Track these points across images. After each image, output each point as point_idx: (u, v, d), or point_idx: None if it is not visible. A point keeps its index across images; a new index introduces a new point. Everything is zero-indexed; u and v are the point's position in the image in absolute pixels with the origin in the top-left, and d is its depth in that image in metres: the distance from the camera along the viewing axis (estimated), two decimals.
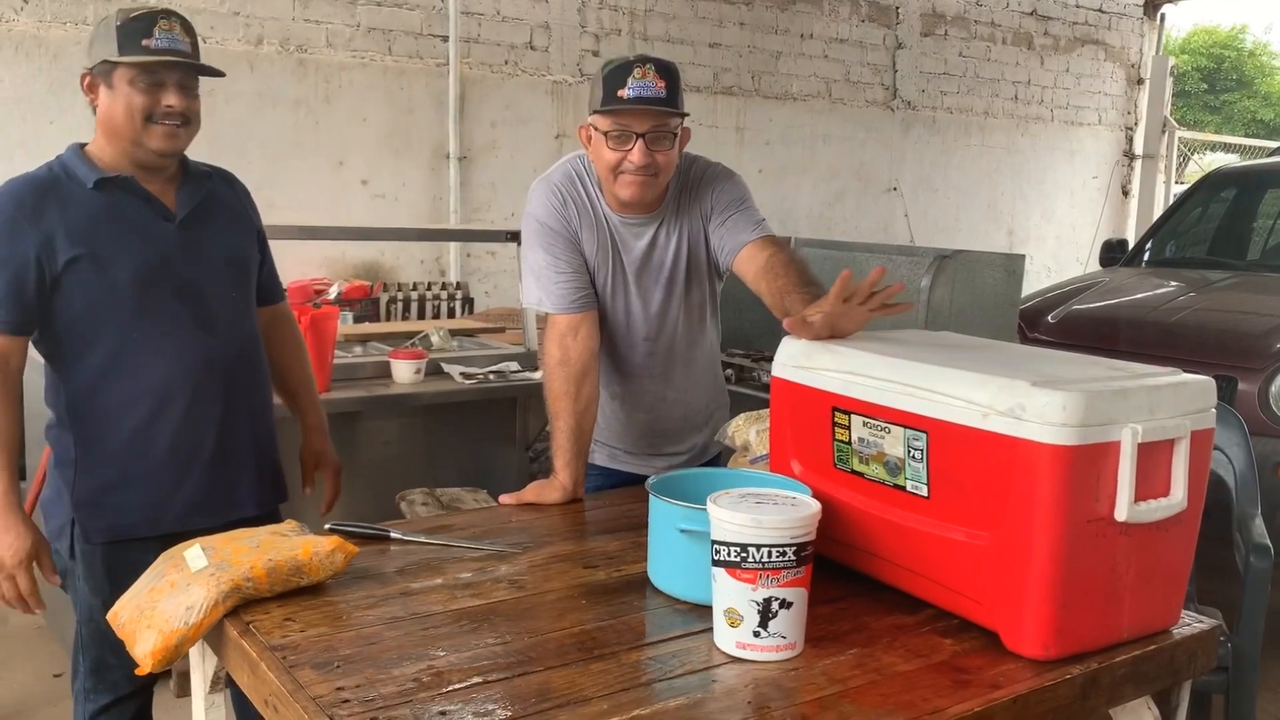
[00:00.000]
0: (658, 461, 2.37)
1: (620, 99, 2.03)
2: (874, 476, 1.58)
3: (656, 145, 2.07)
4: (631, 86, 2.02)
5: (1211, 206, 5.91)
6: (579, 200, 2.21)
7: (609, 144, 2.08)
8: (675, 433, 2.40)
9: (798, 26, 7.64)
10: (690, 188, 2.24)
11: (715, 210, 2.22)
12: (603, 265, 2.23)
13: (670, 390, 2.35)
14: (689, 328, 2.32)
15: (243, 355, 2.19)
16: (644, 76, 2.03)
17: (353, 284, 5.43)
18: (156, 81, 2.00)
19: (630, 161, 2.06)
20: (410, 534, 1.84)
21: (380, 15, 5.91)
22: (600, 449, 2.37)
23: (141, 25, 1.98)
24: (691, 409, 2.40)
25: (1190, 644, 1.55)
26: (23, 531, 1.97)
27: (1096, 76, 9.67)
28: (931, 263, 3.73)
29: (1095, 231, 9.59)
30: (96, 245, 1.99)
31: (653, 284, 2.25)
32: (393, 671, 1.33)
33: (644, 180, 2.09)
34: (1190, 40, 21.10)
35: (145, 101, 1.99)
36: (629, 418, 2.36)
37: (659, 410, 2.36)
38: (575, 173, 2.23)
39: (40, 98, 4.97)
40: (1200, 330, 4.31)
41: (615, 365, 2.32)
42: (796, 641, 1.42)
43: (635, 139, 2.05)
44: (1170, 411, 1.43)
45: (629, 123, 2.05)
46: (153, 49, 1.98)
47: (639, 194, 2.11)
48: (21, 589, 1.98)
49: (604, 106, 2.05)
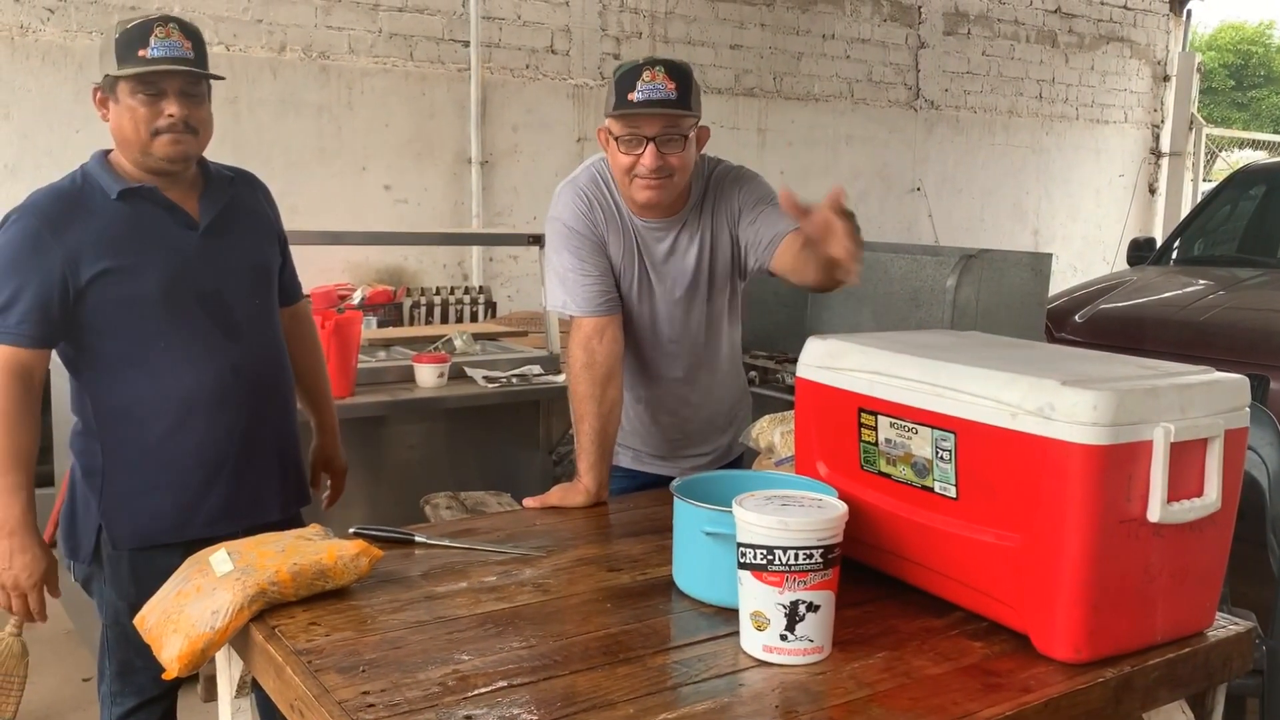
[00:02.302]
0: (683, 463, 2.37)
1: (630, 102, 2.02)
2: (901, 478, 1.56)
3: (668, 148, 2.05)
4: (640, 90, 2.02)
5: (1240, 204, 5.85)
6: (604, 203, 2.20)
7: (621, 148, 2.08)
8: (699, 434, 2.39)
9: (819, 27, 7.62)
10: (714, 190, 2.23)
11: (744, 210, 2.21)
12: (628, 268, 2.22)
13: (694, 392, 2.34)
14: (712, 330, 2.31)
15: (267, 360, 2.20)
16: (653, 79, 2.02)
17: (376, 289, 5.46)
18: (157, 91, 1.98)
19: (642, 165, 2.05)
20: (435, 538, 1.84)
21: (402, 21, 5.93)
22: (624, 451, 2.37)
23: (137, 35, 1.96)
24: (715, 411, 2.40)
25: (1225, 647, 1.52)
26: (39, 554, 1.98)
27: (1122, 74, 9.60)
28: (957, 262, 3.71)
29: (1122, 230, 9.51)
30: (121, 257, 2.00)
31: (676, 286, 2.24)
32: (418, 675, 1.33)
33: (658, 183, 2.08)
34: (1217, 36, 20.93)
35: (148, 113, 1.98)
36: (653, 420, 2.35)
37: (683, 412, 2.35)
38: (600, 176, 2.22)
39: (66, 106, 5.02)
40: (1231, 329, 4.26)
41: (640, 368, 2.31)
42: (824, 645, 1.40)
43: (646, 142, 2.04)
44: (1203, 410, 1.41)
45: (639, 126, 2.04)
46: (149, 59, 1.95)
47: (654, 197, 2.10)
48: (33, 607, 2.01)
49: (615, 111, 2.05)
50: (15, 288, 1.95)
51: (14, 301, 1.95)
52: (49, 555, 2.02)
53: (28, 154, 4.99)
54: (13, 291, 1.95)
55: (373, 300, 5.27)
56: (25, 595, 1.99)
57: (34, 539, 1.98)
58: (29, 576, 1.97)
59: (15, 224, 1.99)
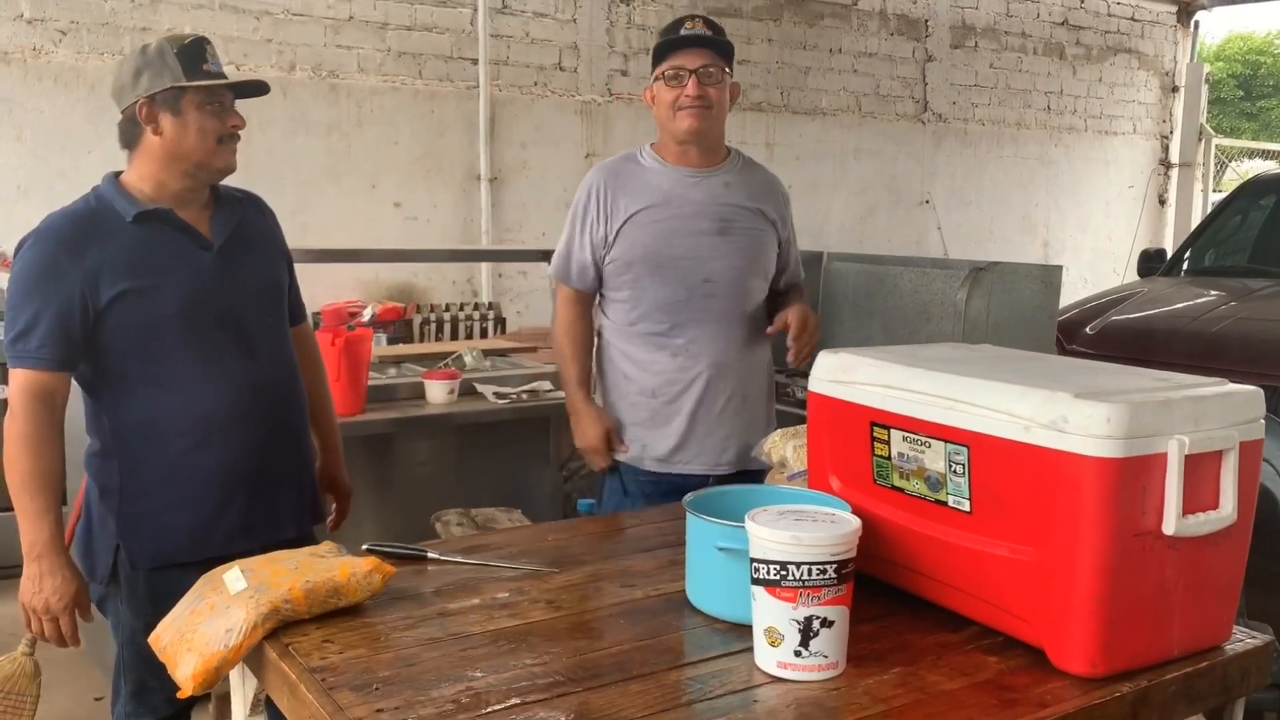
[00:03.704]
0: (705, 458, 2.55)
1: (679, 37, 2.42)
2: (915, 492, 1.56)
3: (708, 80, 2.42)
4: (685, 31, 2.43)
5: (1251, 214, 5.83)
6: (621, 172, 2.55)
7: (667, 85, 2.44)
8: (732, 409, 2.55)
9: (826, 41, 7.64)
10: (750, 167, 2.64)
11: (784, 222, 2.64)
12: (654, 220, 2.49)
13: (730, 350, 2.53)
14: (746, 286, 2.56)
15: (283, 378, 2.21)
16: (694, 26, 2.44)
17: (386, 306, 5.47)
18: (221, 103, 2.07)
19: (686, 96, 2.41)
20: (447, 554, 1.83)
21: (410, 40, 5.96)
22: (650, 448, 2.55)
23: (197, 50, 2.05)
24: (749, 390, 2.59)
25: (1242, 660, 1.51)
26: (69, 576, 1.98)
27: (1130, 85, 9.59)
28: (967, 275, 3.70)
29: (1132, 241, 9.49)
30: (140, 279, 2.01)
31: (712, 229, 2.50)
32: (431, 693, 1.32)
33: (699, 111, 2.42)
34: (1225, 47, 20.92)
35: (217, 124, 2.05)
36: (689, 379, 2.52)
37: (719, 368, 2.52)
38: (632, 151, 2.60)
39: (78, 128, 5.06)
40: (1244, 340, 4.24)
41: (675, 322, 2.51)
42: (838, 661, 1.40)
43: (690, 75, 2.41)
44: (1218, 422, 1.40)
45: (683, 61, 2.41)
46: (212, 72, 2.06)
47: (697, 124, 2.43)
48: (64, 631, 2.00)
49: (663, 49, 2.44)
50: (35, 311, 1.96)
51: (34, 325, 1.96)
52: (79, 577, 2.02)
53: (40, 175, 5.02)
54: (33, 315, 1.96)
55: (383, 317, 5.28)
56: (56, 619, 1.98)
57: (63, 561, 1.98)
58: (60, 599, 1.97)
59: (33, 248, 2.00)
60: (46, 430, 1.97)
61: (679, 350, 2.50)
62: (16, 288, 2.00)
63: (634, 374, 2.55)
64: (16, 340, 1.98)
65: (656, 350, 2.51)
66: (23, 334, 1.97)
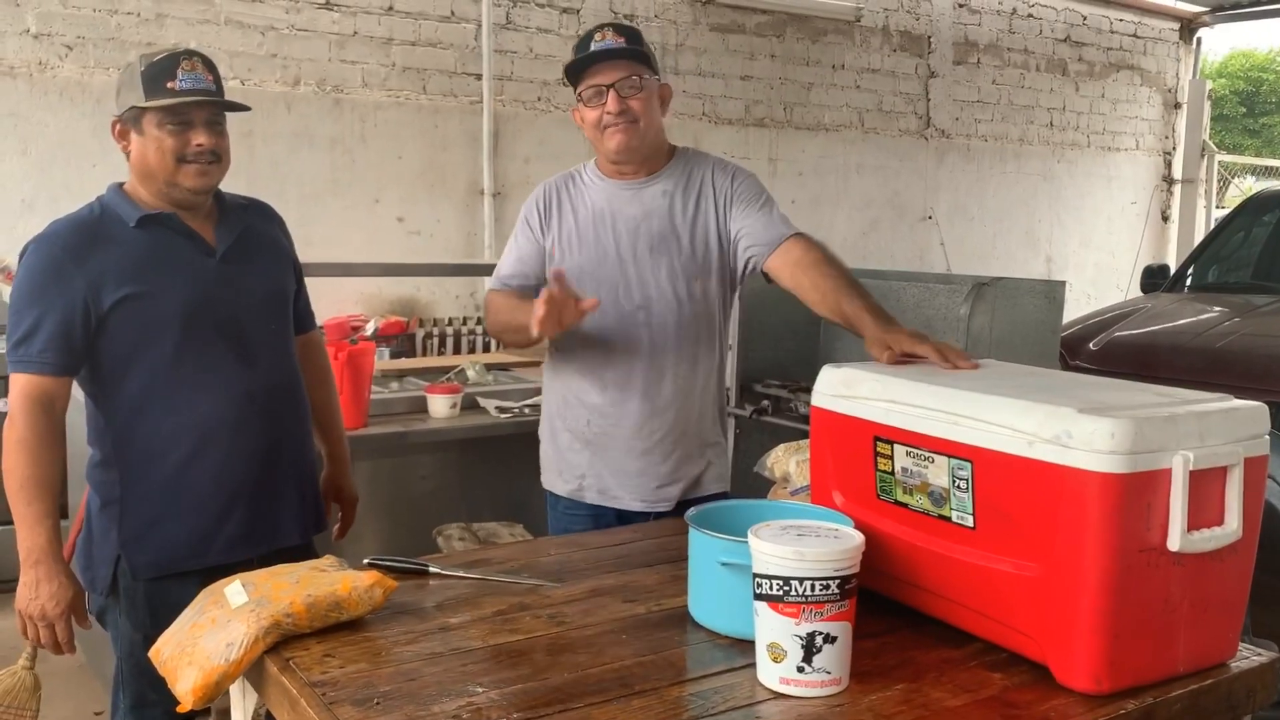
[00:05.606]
0: (646, 485, 2.34)
1: (589, 54, 2.24)
2: (918, 507, 1.55)
3: (628, 92, 2.24)
4: (595, 45, 2.25)
5: (1254, 230, 5.83)
6: (562, 188, 2.39)
7: (588, 106, 2.27)
8: (668, 444, 2.33)
9: (829, 57, 7.66)
10: (692, 164, 2.38)
11: (737, 199, 2.33)
12: (584, 238, 2.32)
13: (665, 381, 2.30)
14: (686, 308, 2.31)
15: (284, 387, 2.21)
16: (604, 38, 2.25)
17: (389, 320, 5.48)
18: (185, 121, 2.02)
19: (608, 113, 2.24)
20: (449, 568, 1.83)
21: (415, 55, 5.99)
22: (589, 480, 2.36)
23: (165, 67, 2.01)
24: (688, 421, 2.35)
25: (1248, 678, 1.50)
26: (65, 582, 1.98)
27: (1133, 101, 9.61)
28: (970, 291, 3.69)
29: (1135, 257, 9.49)
30: (142, 283, 2.01)
31: (646, 248, 2.30)
32: (432, 708, 1.32)
33: (625, 127, 2.25)
34: (1227, 64, 20.96)
35: (176, 143, 2.02)
36: (620, 414, 2.31)
37: (654, 402, 2.30)
38: (577, 168, 2.42)
39: (84, 142, 5.08)
40: (1247, 356, 4.23)
41: (607, 350, 2.30)
42: (841, 677, 1.39)
43: (607, 90, 2.24)
44: (1222, 438, 1.40)
45: (599, 78, 2.24)
46: (178, 90, 2.00)
47: (624, 141, 2.26)
48: (60, 637, 2.00)
49: (574, 69, 2.26)
50: (37, 316, 1.97)
51: (36, 330, 1.97)
52: (75, 584, 2.02)
53: (45, 188, 5.04)
54: (35, 320, 1.97)
55: (385, 331, 5.30)
56: (53, 626, 1.98)
57: (60, 568, 1.98)
58: (56, 606, 1.97)
59: (36, 253, 2.01)
60: (46, 436, 1.97)
61: (609, 383, 2.32)
62: (20, 292, 2.00)
63: (570, 403, 2.39)
64: (19, 345, 1.98)
65: (587, 379, 2.34)
66: (25, 338, 1.97)
